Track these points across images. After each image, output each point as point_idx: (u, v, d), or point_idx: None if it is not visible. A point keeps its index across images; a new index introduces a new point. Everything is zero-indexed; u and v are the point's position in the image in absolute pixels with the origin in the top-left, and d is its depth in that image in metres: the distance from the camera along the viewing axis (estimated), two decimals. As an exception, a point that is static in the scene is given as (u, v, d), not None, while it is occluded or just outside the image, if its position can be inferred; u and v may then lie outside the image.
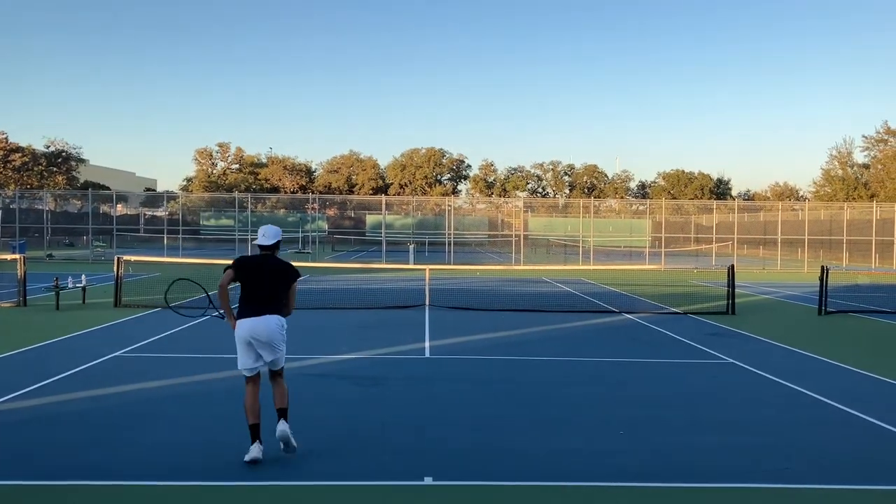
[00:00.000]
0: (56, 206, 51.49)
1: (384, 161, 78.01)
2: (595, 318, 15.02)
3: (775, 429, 6.84)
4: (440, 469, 5.50)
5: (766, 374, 9.37)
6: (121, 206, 53.58)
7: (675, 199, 66.58)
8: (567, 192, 75.59)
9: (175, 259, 26.93)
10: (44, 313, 14.24)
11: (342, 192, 71.09)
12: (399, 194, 70.56)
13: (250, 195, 46.70)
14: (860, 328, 14.25)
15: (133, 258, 20.84)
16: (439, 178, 76.62)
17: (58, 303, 14.88)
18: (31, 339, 11.02)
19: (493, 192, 73.63)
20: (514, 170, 77.61)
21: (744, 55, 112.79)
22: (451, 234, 39.49)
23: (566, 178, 77.34)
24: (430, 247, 44.73)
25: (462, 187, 78.98)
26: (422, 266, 19.39)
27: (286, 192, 69.67)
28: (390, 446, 6.09)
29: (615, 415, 7.24)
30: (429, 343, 11.38)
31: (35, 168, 58.87)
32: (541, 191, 78.00)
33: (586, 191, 72.81)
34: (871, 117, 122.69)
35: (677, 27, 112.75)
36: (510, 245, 42.61)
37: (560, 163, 77.63)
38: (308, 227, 44.46)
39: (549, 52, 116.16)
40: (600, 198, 68.72)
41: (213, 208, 56.49)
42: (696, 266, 32.43)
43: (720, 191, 75.03)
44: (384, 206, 43.32)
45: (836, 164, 62.20)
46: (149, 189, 78.68)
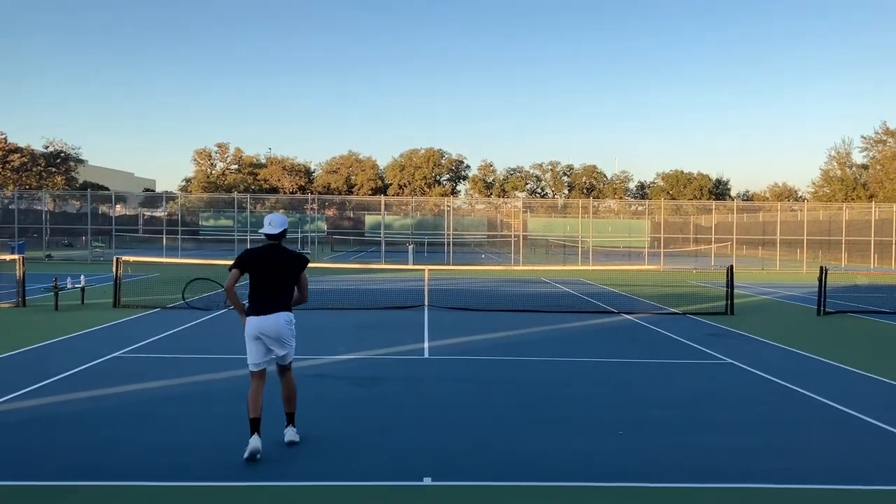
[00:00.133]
0: (55, 207, 51.47)
1: (383, 161, 78.15)
2: (594, 318, 15.03)
3: (774, 429, 6.85)
4: (439, 469, 5.51)
5: (764, 374, 9.39)
6: (120, 207, 53.57)
7: (673, 199, 66.64)
8: (566, 192, 75.61)
9: (174, 259, 26.93)
10: (43, 314, 14.24)
11: (341, 193, 71.07)
12: (398, 195, 70.59)
13: (249, 196, 46.68)
14: (859, 328, 14.26)
15: (132, 259, 20.85)
16: (438, 178, 76.63)
17: (57, 303, 14.89)
18: (31, 339, 11.03)
19: (492, 193, 73.64)
20: (513, 170, 77.67)
21: (743, 55, 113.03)
22: (450, 234, 39.50)
23: (565, 178, 77.38)
24: (429, 247, 44.73)
25: (461, 188, 79.03)
26: (421, 266, 19.39)
27: (285, 192, 69.64)
28: (389, 447, 6.10)
29: (614, 415, 7.25)
30: (428, 343, 11.38)
31: (34, 168, 58.85)
32: (540, 191, 78.03)
33: (585, 191, 72.85)
34: (870, 118, 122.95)
35: (676, 27, 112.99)
36: (509, 245, 42.65)
37: (559, 163, 77.77)
38: (307, 227, 44.44)
39: (548, 52, 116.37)
40: (599, 198, 68.75)
41: (212, 209, 56.44)
42: (694, 266, 32.45)
43: (719, 191, 75.09)
44: (383, 207, 43.35)
45: (835, 164, 62.30)
46: (148, 189, 78.66)
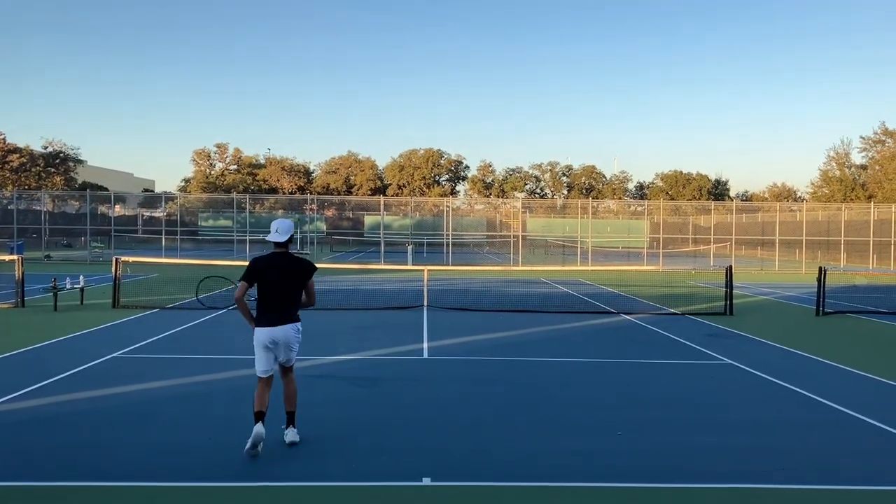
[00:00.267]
0: (54, 207, 51.44)
1: (382, 162, 78.11)
2: (593, 318, 15.04)
3: (773, 429, 6.86)
4: (439, 470, 5.52)
5: (763, 374, 9.40)
6: (119, 207, 53.57)
7: (673, 199, 66.62)
8: (565, 192, 75.60)
9: (173, 260, 26.93)
10: (42, 314, 14.24)
11: (340, 193, 71.06)
12: (397, 195, 70.55)
13: (248, 196, 46.66)
14: (858, 329, 14.28)
15: (131, 259, 20.84)
16: (437, 178, 76.60)
17: (56, 304, 14.89)
18: (30, 339, 11.03)
19: (491, 193, 73.62)
20: (513, 170, 77.65)
21: (742, 56, 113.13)
22: (449, 234, 39.51)
23: (564, 178, 77.37)
24: (428, 247, 44.73)
25: (460, 188, 79.02)
26: (420, 267, 19.39)
27: (284, 192, 69.62)
28: (389, 447, 6.11)
29: (613, 415, 7.25)
30: (427, 344, 11.39)
31: (33, 169, 58.80)
32: (539, 191, 78.02)
33: (584, 191, 72.85)
34: (869, 118, 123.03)
35: (676, 27, 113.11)
36: (508, 246, 42.64)
37: (558, 163, 77.73)
38: (306, 228, 44.43)
39: (547, 52, 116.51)
40: (598, 199, 68.77)
41: (212, 209, 56.42)
42: (694, 267, 32.47)
43: (718, 192, 75.09)
44: (382, 207, 43.36)
45: (834, 164, 62.29)
46: (147, 190, 78.61)
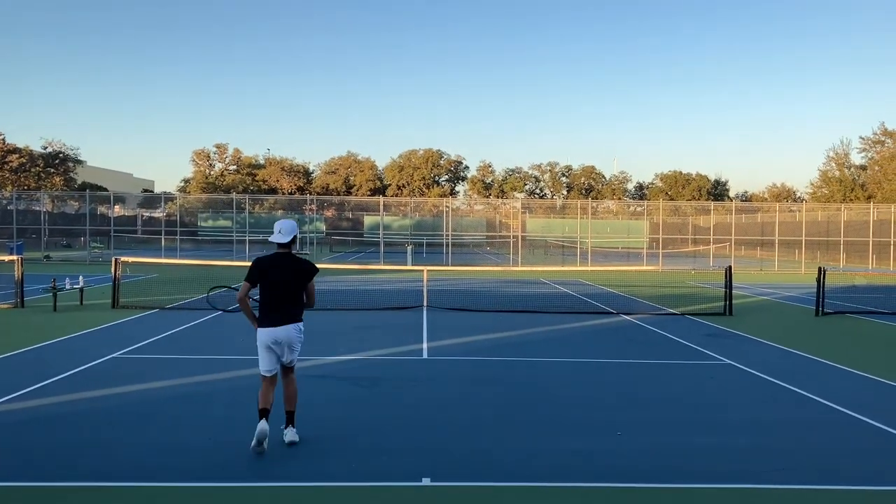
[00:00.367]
0: (53, 208, 51.39)
1: (382, 162, 78.11)
2: (592, 319, 15.04)
3: (772, 429, 6.86)
4: (438, 470, 5.52)
5: (762, 374, 9.41)
6: (118, 208, 53.53)
7: (672, 200, 66.61)
8: (565, 193, 75.60)
9: (173, 260, 26.94)
10: (41, 314, 14.24)
11: (340, 194, 71.04)
12: (397, 195, 70.55)
13: (248, 196, 46.64)
14: (857, 329, 14.29)
15: (130, 259, 20.84)
16: (437, 179, 76.60)
17: (55, 304, 14.89)
18: (30, 340, 11.03)
19: (490, 194, 73.62)
20: (512, 171, 77.65)
21: (741, 56, 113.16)
22: (448, 235, 39.51)
23: (564, 179, 77.38)
24: (427, 248, 44.72)
25: (460, 188, 79.03)
26: (420, 267, 19.39)
27: (284, 193, 69.61)
28: (388, 447, 6.11)
29: (613, 416, 7.26)
30: (427, 344, 11.39)
31: (32, 169, 58.77)
32: (538, 192, 78.02)
33: (584, 192, 72.86)
34: (869, 118, 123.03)
35: (676, 27, 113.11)
36: (508, 246, 42.64)
37: (558, 164, 77.75)
38: (306, 228, 44.41)
39: (547, 52, 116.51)
40: (598, 199, 68.79)
41: (211, 209, 56.39)
42: (693, 267, 32.47)
43: (717, 192, 75.10)
44: (382, 208, 43.32)
45: (834, 165, 62.29)
46: (146, 190, 78.57)
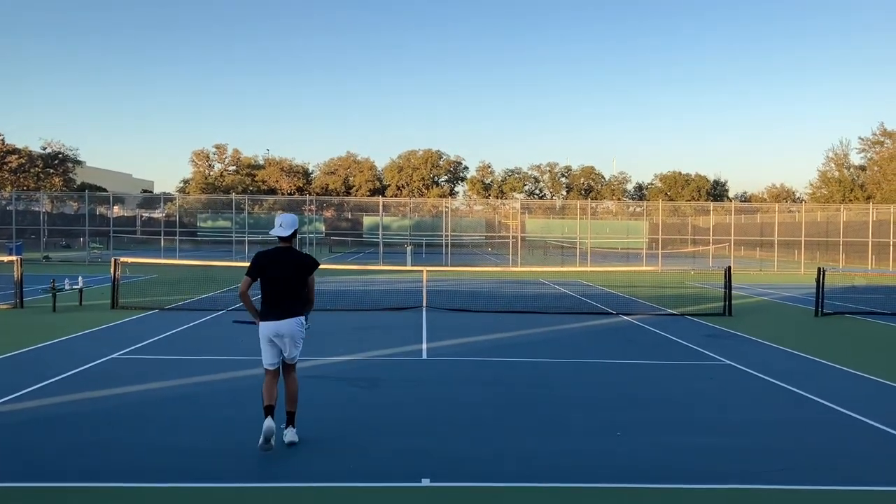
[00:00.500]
0: (53, 208, 51.37)
1: (381, 163, 78.13)
2: (592, 319, 15.04)
3: (771, 430, 6.86)
4: (438, 471, 5.52)
5: (762, 375, 9.41)
6: (117, 208, 53.51)
7: (671, 200, 66.64)
8: (564, 193, 75.63)
9: (172, 261, 26.93)
10: (41, 315, 14.23)
11: (339, 194, 71.05)
12: (396, 196, 70.57)
13: (247, 197, 46.65)
14: (857, 330, 14.29)
15: (130, 260, 20.83)
16: (436, 179, 76.63)
17: (55, 304, 14.89)
18: (29, 340, 11.02)
19: (490, 194, 73.65)
20: (512, 171, 77.70)
21: (741, 56, 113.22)
22: (448, 235, 39.51)
23: (563, 179, 77.41)
24: (427, 248, 44.71)
25: (459, 189, 79.07)
26: (419, 268, 19.39)
27: (283, 193, 69.63)
28: (388, 448, 6.11)
29: (612, 416, 7.26)
30: (426, 345, 11.39)
31: (32, 170, 58.77)
32: (538, 192, 78.06)
33: (583, 192, 72.88)
34: (868, 119, 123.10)
35: (676, 27, 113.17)
36: (507, 247, 42.63)
37: (557, 164, 77.83)
38: (305, 228, 44.40)
39: (546, 52, 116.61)
40: (597, 199, 68.78)
41: (210, 210, 56.38)
42: (693, 267, 32.48)
43: (717, 192, 75.15)
44: (381, 208, 43.31)
45: (833, 165, 62.31)
46: (146, 191, 78.56)
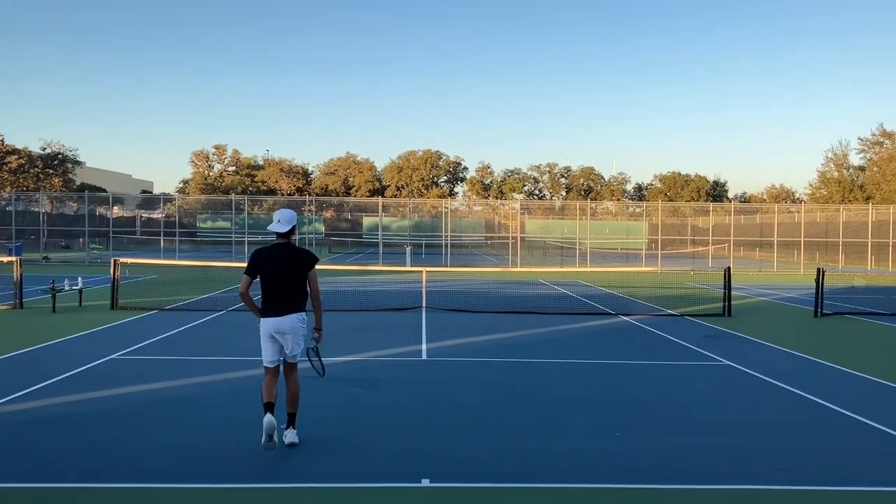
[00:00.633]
0: (52, 209, 51.33)
1: (381, 163, 78.13)
2: (591, 320, 15.05)
3: (771, 430, 6.86)
4: (438, 471, 5.52)
5: (761, 375, 9.41)
6: (117, 209, 53.49)
7: (671, 201, 66.63)
8: (564, 194, 75.64)
9: (172, 261, 26.93)
10: (40, 316, 14.23)
11: (339, 195, 71.05)
12: (396, 196, 70.58)
13: (247, 197, 46.64)
14: (856, 330, 14.29)
15: (129, 260, 20.83)
16: (436, 180, 76.63)
17: (54, 305, 14.89)
18: (28, 341, 11.02)
19: (489, 195, 73.65)
20: (511, 172, 77.70)
21: (740, 57, 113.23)
22: (447, 236, 39.51)
23: (563, 180, 77.42)
24: (426, 249, 44.71)
25: (459, 189, 79.09)
26: (419, 268, 19.40)
27: (283, 194, 69.61)
28: (387, 448, 6.11)
29: (612, 417, 7.26)
30: (426, 345, 11.39)
31: (31, 170, 58.73)
32: (537, 193, 78.06)
33: (583, 193, 72.88)
34: (867, 119, 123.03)
35: (673, 29, 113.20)
36: (507, 247, 42.63)
37: (557, 165, 77.84)
38: (305, 229, 44.39)
39: (546, 53, 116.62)
40: (597, 200, 68.78)
41: (210, 210, 56.34)
42: (692, 268, 32.48)
43: (716, 193, 75.15)
44: (381, 209, 43.28)
45: (832, 166, 62.33)
46: (145, 191, 78.50)
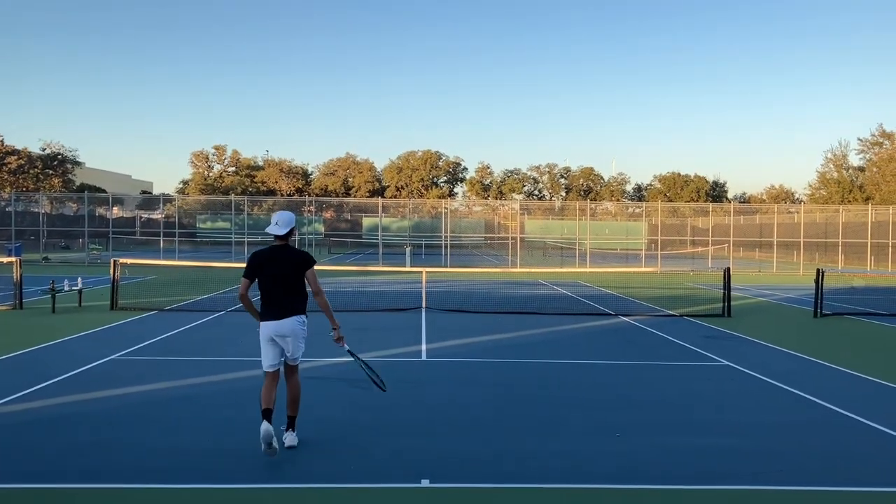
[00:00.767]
0: (52, 209, 51.31)
1: (381, 164, 78.14)
2: (591, 320, 15.05)
3: (770, 431, 6.87)
4: (437, 471, 5.53)
5: (761, 376, 9.42)
6: (117, 209, 53.46)
7: (671, 201, 66.63)
8: (563, 194, 75.66)
9: (171, 262, 26.92)
10: (40, 316, 14.23)
11: (339, 195, 71.05)
12: (395, 197, 70.58)
13: (247, 198, 46.63)
14: (855, 331, 14.31)
15: (129, 261, 20.82)
16: (436, 180, 76.63)
17: (54, 306, 14.89)
18: (28, 342, 11.02)
19: (489, 195, 73.65)
20: (511, 172, 77.72)
21: (740, 57, 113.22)
22: (447, 236, 39.50)
23: (562, 180, 77.43)
24: (426, 249, 44.71)
25: (458, 190, 79.09)
26: (418, 269, 19.40)
27: (282, 194, 69.60)
28: (387, 449, 6.11)
29: (611, 417, 7.27)
30: (425, 346, 11.40)
31: (31, 171, 58.72)
32: (537, 193, 78.07)
33: (582, 193, 72.90)
34: (867, 119, 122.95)
35: (673, 29, 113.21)
36: (507, 247, 42.63)
37: (556, 165, 77.86)
38: (304, 229, 44.39)
39: (545, 53, 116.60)
40: (596, 200, 68.80)
41: (210, 211, 56.35)
42: (692, 268, 32.49)
43: (716, 193, 75.16)
44: (381, 209, 43.27)
45: (832, 166, 62.33)
46: (145, 192, 78.48)
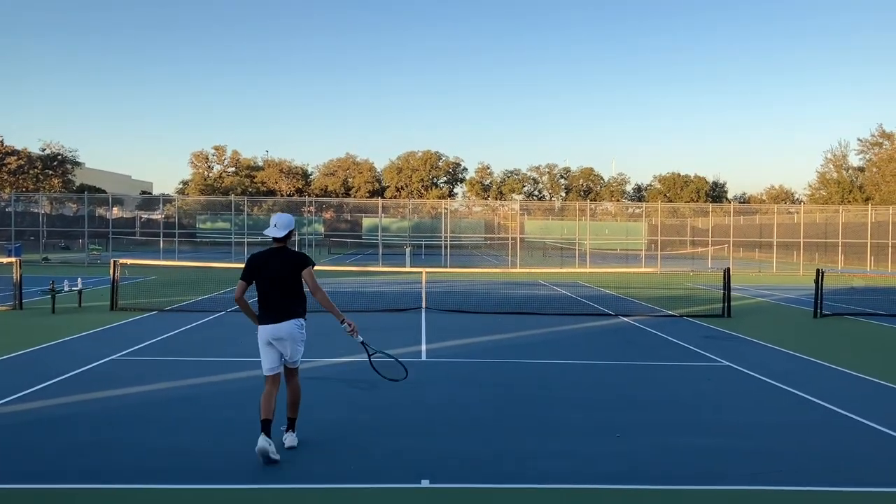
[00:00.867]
0: (52, 210, 51.30)
1: (380, 164, 78.16)
2: (591, 320, 15.05)
3: (770, 431, 6.87)
4: (437, 472, 5.53)
5: (760, 376, 9.42)
6: (116, 210, 53.47)
7: (670, 202, 66.65)
8: (563, 195, 75.70)
9: (171, 262, 26.92)
10: (40, 317, 14.23)
11: (338, 195, 71.07)
12: (395, 197, 70.61)
13: (246, 198, 46.63)
14: (855, 331, 14.31)
15: (129, 261, 20.81)
16: (436, 180, 76.65)
17: (54, 306, 14.89)
18: (28, 342, 11.02)
19: (489, 195, 73.68)
20: (511, 173, 77.76)
21: (740, 57, 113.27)
22: (447, 237, 39.50)
23: (562, 181, 77.48)
24: (426, 250, 44.71)
25: (458, 190, 79.13)
26: (418, 269, 19.40)
27: (282, 195, 69.63)
28: (387, 449, 6.11)
29: (611, 417, 7.27)
30: (425, 346, 11.41)
31: (31, 171, 58.73)
32: (537, 194, 78.11)
33: (582, 194, 72.95)
34: (867, 120, 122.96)
35: (673, 29, 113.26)
36: (506, 248, 42.64)
37: (556, 166, 77.91)
38: (304, 230, 44.39)
39: (545, 53, 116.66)
40: (596, 201, 68.81)
41: (210, 211, 56.36)
42: (691, 269, 32.50)
43: (716, 194, 75.21)
44: (380, 209, 43.24)
45: (832, 166, 62.36)
46: (145, 192, 78.50)
